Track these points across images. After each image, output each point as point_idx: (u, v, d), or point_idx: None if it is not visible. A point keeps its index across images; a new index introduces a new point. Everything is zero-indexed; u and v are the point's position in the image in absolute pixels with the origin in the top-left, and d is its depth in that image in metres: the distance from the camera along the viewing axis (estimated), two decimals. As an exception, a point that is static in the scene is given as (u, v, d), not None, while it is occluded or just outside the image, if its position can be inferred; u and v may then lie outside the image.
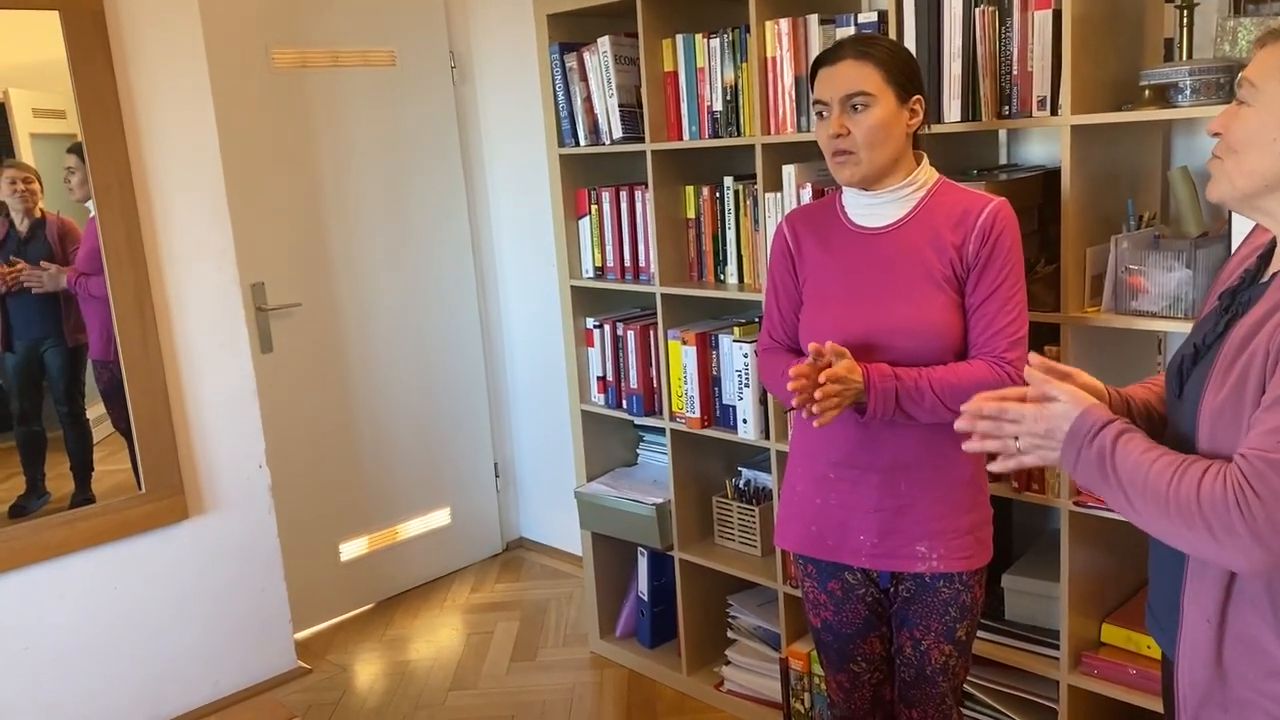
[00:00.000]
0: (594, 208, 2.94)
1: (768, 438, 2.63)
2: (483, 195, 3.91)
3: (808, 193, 2.39)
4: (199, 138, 2.93)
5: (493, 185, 3.91)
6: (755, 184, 2.53)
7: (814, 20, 2.34)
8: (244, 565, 3.12)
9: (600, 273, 2.98)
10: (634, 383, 2.93)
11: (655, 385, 2.89)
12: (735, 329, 2.67)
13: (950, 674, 1.94)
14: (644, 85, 2.68)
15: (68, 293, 2.82)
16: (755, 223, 2.58)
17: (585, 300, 3.06)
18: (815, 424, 1.73)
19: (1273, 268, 1.26)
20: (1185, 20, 1.97)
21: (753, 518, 2.81)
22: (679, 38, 2.62)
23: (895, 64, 1.78)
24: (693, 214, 2.76)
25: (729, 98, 2.55)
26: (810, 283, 1.92)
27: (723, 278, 2.72)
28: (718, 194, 2.68)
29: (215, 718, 2.28)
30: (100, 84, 2.71)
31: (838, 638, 2.00)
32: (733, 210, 2.64)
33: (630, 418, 2.99)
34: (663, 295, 2.79)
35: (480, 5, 3.74)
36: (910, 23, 2.16)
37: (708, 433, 2.76)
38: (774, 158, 2.47)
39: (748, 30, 2.45)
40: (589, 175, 2.99)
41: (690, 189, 2.75)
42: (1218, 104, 1.83)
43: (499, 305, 4.00)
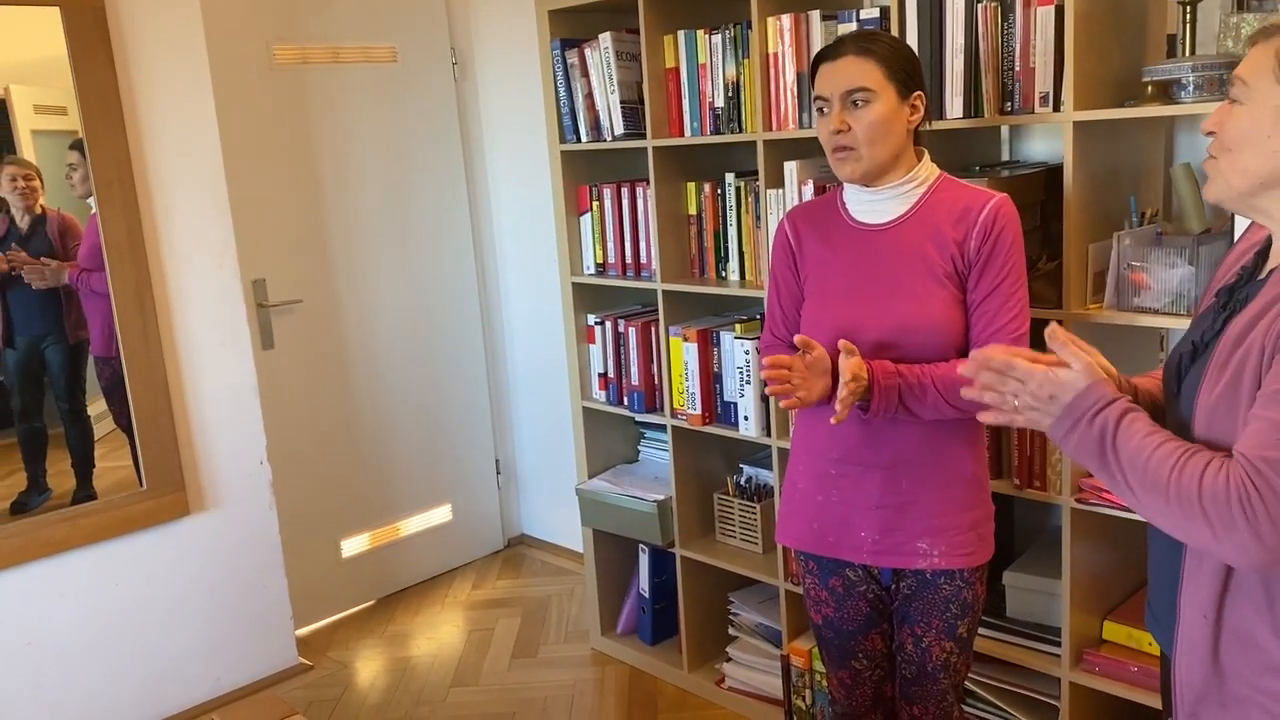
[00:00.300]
0: (595, 204, 2.94)
1: (769, 435, 2.62)
2: (484, 192, 3.91)
3: (809, 189, 2.39)
4: (200, 134, 2.93)
5: (494, 182, 3.90)
6: (757, 180, 2.53)
7: (816, 16, 2.34)
8: (245, 562, 3.12)
9: (601, 269, 2.98)
10: (635, 379, 2.92)
11: (656, 382, 2.89)
12: (737, 326, 2.66)
13: (951, 671, 1.94)
14: (645, 81, 2.68)
15: (69, 289, 2.82)
16: (757, 219, 2.58)
17: (586, 296, 3.06)
18: (831, 420, 1.72)
19: (1269, 264, 1.26)
20: (1188, 16, 1.96)
21: (754, 514, 2.81)
22: (681, 34, 2.62)
23: (896, 60, 1.77)
24: (694, 210, 2.76)
25: (730, 94, 2.54)
26: (812, 279, 1.91)
27: (724, 274, 2.72)
28: (719, 190, 2.68)
29: (216, 714, 2.27)
30: (101, 80, 2.70)
31: (839, 634, 2.00)
32: (734, 207, 2.64)
33: (631, 414, 2.99)
34: (664, 292, 2.78)
35: (481, 1, 3.73)
36: (912, 18, 2.16)
37: (709, 430, 2.76)
38: (776, 154, 2.47)
39: (749, 26, 2.45)
40: (590, 171, 2.99)
41: (692, 185, 2.75)
42: (1220, 100, 1.81)
43: (500, 302, 4.00)
